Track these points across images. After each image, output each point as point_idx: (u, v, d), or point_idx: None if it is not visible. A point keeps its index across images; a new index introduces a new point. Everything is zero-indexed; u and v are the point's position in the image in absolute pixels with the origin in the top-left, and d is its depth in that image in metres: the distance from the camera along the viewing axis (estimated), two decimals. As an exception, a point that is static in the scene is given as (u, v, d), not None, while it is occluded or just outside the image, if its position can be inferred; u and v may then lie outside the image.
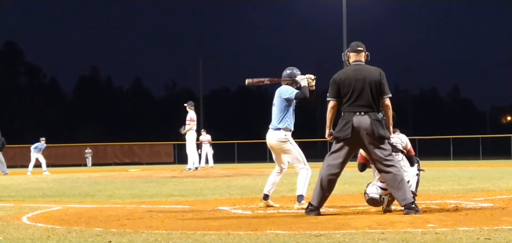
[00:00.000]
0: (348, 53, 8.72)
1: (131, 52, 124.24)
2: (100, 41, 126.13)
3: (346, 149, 8.44)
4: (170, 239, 6.42)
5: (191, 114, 22.65)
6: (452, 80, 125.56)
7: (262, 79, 9.85)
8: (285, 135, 9.60)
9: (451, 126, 77.67)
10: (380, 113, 8.46)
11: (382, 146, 8.36)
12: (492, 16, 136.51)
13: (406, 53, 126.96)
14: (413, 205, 8.23)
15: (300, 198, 9.42)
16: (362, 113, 8.31)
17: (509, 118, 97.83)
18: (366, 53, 8.69)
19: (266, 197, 9.88)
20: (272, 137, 9.68)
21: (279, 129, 9.61)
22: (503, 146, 51.63)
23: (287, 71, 9.79)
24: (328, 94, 8.55)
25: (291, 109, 9.68)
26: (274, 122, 9.67)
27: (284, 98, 9.60)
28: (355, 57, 8.63)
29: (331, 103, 8.51)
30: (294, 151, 9.65)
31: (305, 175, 9.54)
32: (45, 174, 28.88)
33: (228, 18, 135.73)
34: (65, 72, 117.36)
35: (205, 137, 33.02)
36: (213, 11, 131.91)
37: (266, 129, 9.86)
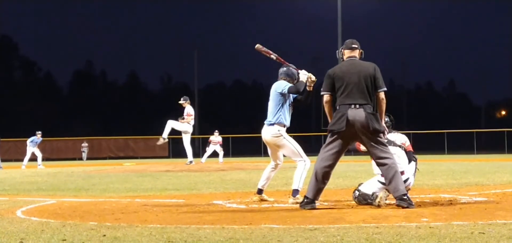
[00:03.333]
0: (342, 50, 8.79)
1: (126, 46, 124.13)
2: (95, 35, 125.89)
3: (340, 141, 8.49)
4: (164, 233, 6.42)
5: (188, 109, 22.61)
6: (448, 74, 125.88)
7: (270, 52, 9.82)
8: (279, 131, 9.60)
9: (446, 121, 77.85)
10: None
11: (377, 138, 8.40)
12: (488, 11, 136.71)
13: (402, 47, 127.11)
14: (406, 197, 8.27)
15: (295, 192, 9.42)
16: (357, 106, 8.34)
17: (503, 112, 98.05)
18: (361, 50, 8.75)
19: (260, 191, 9.90)
20: (267, 133, 9.69)
21: (273, 124, 9.62)
22: (497, 141, 51.80)
23: (284, 68, 9.79)
24: (322, 88, 8.61)
25: (286, 104, 9.67)
26: (268, 118, 9.69)
27: (279, 93, 9.61)
28: (350, 54, 8.69)
29: (325, 97, 8.54)
30: (289, 145, 9.65)
31: (302, 167, 9.54)
32: (40, 168, 28.84)
33: (224, 12, 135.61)
34: (60, 66, 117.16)
35: (216, 138, 33.11)
36: (209, 5, 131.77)
37: (260, 123, 9.86)
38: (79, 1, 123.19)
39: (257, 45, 9.86)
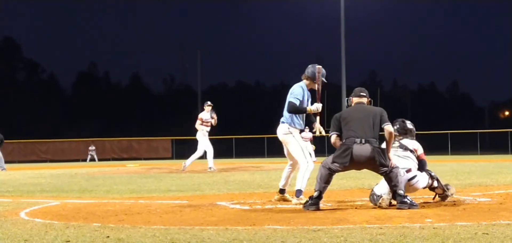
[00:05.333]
0: (351, 98, 9.09)
1: (129, 47, 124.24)
2: (98, 36, 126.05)
3: (343, 168, 8.68)
4: (168, 234, 6.42)
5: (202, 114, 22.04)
6: (451, 75, 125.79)
7: (320, 83, 9.78)
8: (288, 128, 9.65)
9: (449, 121, 77.75)
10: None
11: (381, 168, 8.48)
12: (491, 11, 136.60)
13: (405, 48, 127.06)
14: (406, 200, 8.38)
15: (298, 193, 9.41)
16: (363, 142, 8.43)
17: (507, 113, 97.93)
18: (369, 99, 9.04)
19: (282, 191, 9.91)
20: (278, 130, 9.83)
21: (284, 122, 9.70)
22: (501, 141, 51.68)
23: (310, 68, 9.78)
24: (330, 130, 8.90)
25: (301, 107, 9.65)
26: (283, 116, 9.74)
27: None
28: (358, 100, 8.99)
29: (332, 138, 8.80)
30: (295, 144, 9.65)
31: (304, 169, 9.53)
32: None
33: (227, 13, 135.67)
34: (64, 68, 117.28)
35: (307, 135, 31.66)
36: (211, 6, 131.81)
37: (263, 124, 9.91)
38: (81, 2, 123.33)
39: (319, 67, 9.81)
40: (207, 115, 21.95)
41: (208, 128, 21.92)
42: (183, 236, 6.31)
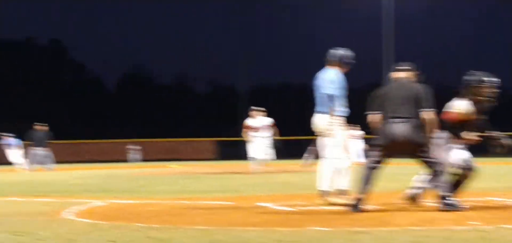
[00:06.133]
0: (391, 73, 8.90)
1: (174, 48, 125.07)
2: (142, 38, 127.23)
3: (385, 153, 8.49)
4: (210, 235, 6.44)
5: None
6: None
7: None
8: (333, 120, 9.39)
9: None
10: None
11: (421, 149, 8.34)
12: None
13: (444, 47, 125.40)
14: (450, 201, 8.19)
15: (340, 193, 9.27)
16: (402, 120, 8.31)
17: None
18: (411, 72, 8.71)
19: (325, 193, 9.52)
20: (319, 120, 9.52)
21: (326, 113, 9.43)
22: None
23: (340, 52, 9.68)
24: (368, 109, 8.63)
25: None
26: (322, 105, 9.49)
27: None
28: (396, 75, 8.72)
29: (371, 117, 8.56)
30: (333, 137, 9.41)
31: (326, 167, 9.35)
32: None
33: (270, 14, 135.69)
34: (108, 69, 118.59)
35: (357, 132, 29.94)
36: (253, 8, 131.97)
37: (304, 125, 9.80)
38: (126, 4, 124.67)
39: None
40: (253, 121, 21.80)
41: (255, 133, 21.65)
42: (225, 236, 6.32)
